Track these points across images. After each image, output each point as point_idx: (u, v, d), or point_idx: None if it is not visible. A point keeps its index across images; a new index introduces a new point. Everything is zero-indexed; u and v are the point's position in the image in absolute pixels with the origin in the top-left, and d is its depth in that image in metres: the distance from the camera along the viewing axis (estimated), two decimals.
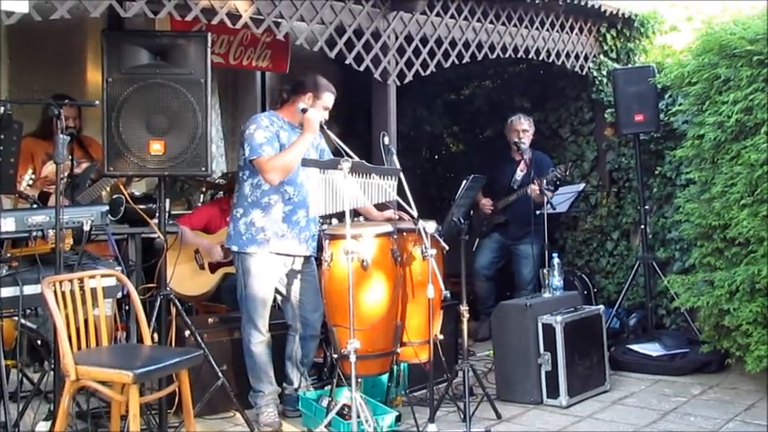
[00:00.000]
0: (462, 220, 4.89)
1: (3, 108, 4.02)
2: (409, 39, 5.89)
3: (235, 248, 4.79)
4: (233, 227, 4.81)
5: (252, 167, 4.69)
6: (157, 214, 4.67)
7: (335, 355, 4.62)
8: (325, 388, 4.88)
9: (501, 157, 7.10)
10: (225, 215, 5.55)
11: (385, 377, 4.89)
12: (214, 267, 5.69)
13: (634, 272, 6.62)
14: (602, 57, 7.28)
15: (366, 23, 5.64)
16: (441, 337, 4.77)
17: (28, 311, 4.28)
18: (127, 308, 5.17)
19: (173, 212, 5.93)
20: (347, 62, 5.60)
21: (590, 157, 7.46)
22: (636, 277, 6.67)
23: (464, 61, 6.31)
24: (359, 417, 4.10)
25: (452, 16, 6.13)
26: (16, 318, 4.05)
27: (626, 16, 7.24)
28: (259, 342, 4.77)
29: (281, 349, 4.95)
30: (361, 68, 5.68)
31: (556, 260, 5.63)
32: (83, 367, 3.65)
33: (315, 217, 4.89)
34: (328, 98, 4.85)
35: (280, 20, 5.20)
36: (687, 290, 5.63)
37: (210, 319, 5.14)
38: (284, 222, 4.76)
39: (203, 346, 4.58)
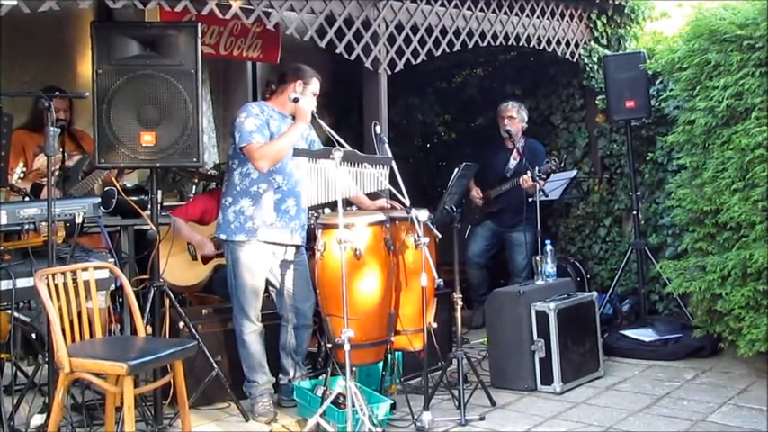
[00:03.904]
0: (455, 208, 4.90)
1: None
2: (400, 27, 5.89)
3: (223, 237, 4.79)
4: (222, 216, 4.81)
5: (242, 156, 4.69)
6: (149, 206, 4.66)
7: (329, 345, 4.63)
8: (320, 377, 4.89)
9: (494, 145, 7.09)
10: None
11: (379, 366, 4.90)
12: (206, 258, 5.69)
13: (627, 258, 6.65)
14: (592, 43, 7.28)
15: (356, 12, 5.63)
16: (434, 325, 4.79)
17: (21, 304, 4.27)
18: (120, 300, 5.17)
19: (165, 204, 5.93)
20: (338, 51, 5.60)
21: (581, 143, 7.46)
22: (628, 263, 6.69)
23: (455, 49, 6.30)
24: (354, 406, 4.11)
25: (443, 4, 6.13)
26: (9, 311, 4.03)
27: (616, 3, 7.24)
28: (251, 332, 4.78)
29: (275, 340, 4.95)
30: (352, 57, 5.68)
31: (549, 247, 5.64)
32: (77, 359, 3.65)
33: (305, 206, 4.90)
34: (315, 84, 4.89)
35: (270, 10, 5.19)
36: (679, 275, 5.64)
37: (204, 310, 5.14)
38: (274, 211, 4.76)
39: (197, 336, 4.58)
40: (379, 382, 4.91)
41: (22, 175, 4.99)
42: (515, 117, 6.85)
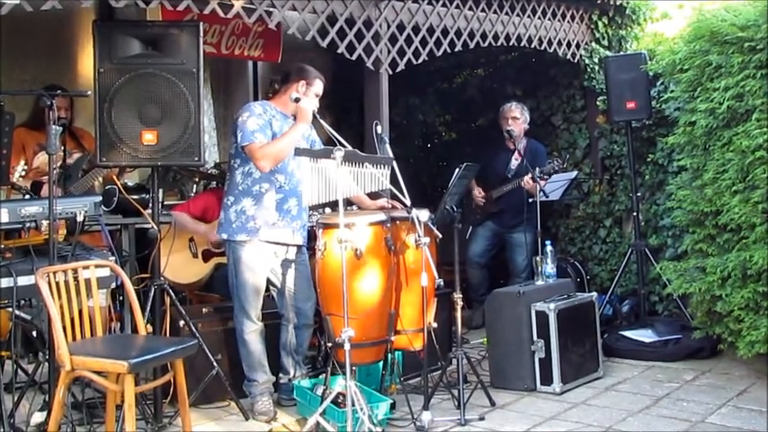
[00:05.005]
0: (455, 209, 4.91)
1: None
2: (401, 27, 5.89)
3: (225, 236, 4.79)
4: (224, 215, 4.81)
5: (243, 156, 4.70)
6: (150, 204, 4.67)
7: (329, 344, 4.63)
8: (320, 377, 4.89)
9: (495, 145, 7.10)
10: None
11: (379, 365, 4.91)
12: (207, 256, 5.70)
13: (626, 259, 6.65)
14: (593, 44, 7.28)
15: (358, 12, 5.63)
16: (434, 325, 4.79)
17: (22, 302, 4.28)
18: (121, 298, 5.18)
19: (166, 203, 5.94)
20: (339, 51, 5.60)
21: (582, 144, 7.47)
22: (628, 264, 6.69)
23: (456, 50, 6.31)
24: (353, 405, 4.12)
25: (444, 4, 6.13)
26: (10, 309, 4.04)
27: (617, 3, 7.24)
28: (252, 331, 4.78)
29: (276, 339, 4.96)
30: (354, 57, 5.68)
31: (549, 248, 5.64)
32: (78, 357, 3.66)
33: (306, 206, 4.90)
34: (319, 85, 4.89)
35: (271, 9, 5.20)
36: (679, 276, 5.64)
37: (204, 309, 5.14)
38: (276, 211, 4.76)
39: (198, 335, 4.59)
40: (378, 382, 4.91)
41: (23, 174, 4.99)
42: (519, 118, 6.85)
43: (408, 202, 4.58)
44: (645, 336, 6.03)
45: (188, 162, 4.72)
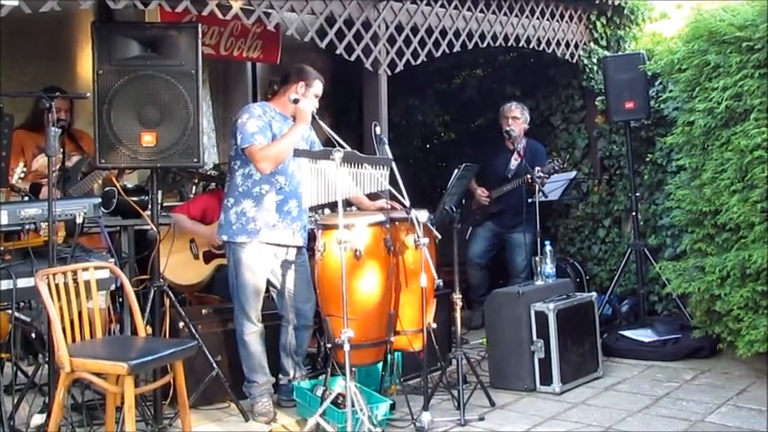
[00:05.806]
0: (454, 209, 4.91)
1: None
2: (400, 28, 5.90)
3: (225, 238, 4.79)
4: (224, 217, 4.82)
5: (243, 157, 4.70)
6: (150, 206, 4.67)
7: (329, 345, 4.63)
8: (320, 378, 4.89)
9: (494, 146, 7.10)
10: None
11: (379, 366, 4.91)
12: (208, 258, 5.70)
13: (626, 259, 6.65)
14: (592, 44, 7.29)
15: (356, 13, 5.64)
16: (434, 325, 4.79)
17: (22, 304, 4.28)
18: (120, 300, 5.18)
19: (165, 204, 5.93)
20: (338, 52, 5.60)
21: (581, 144, 7.47)
22: (628, 264, 6.69)
23: (455, 50, 6.31)
24: (353, 406, 4.12)
25: (443, 5, 6.13)
26: (10, 311, 4.04)
27: (616, 4, 7.25)
28: (252, 332, 4.78)
29: (275, 340, 4.96)
30: (352, 58, 5.68)
31: (548, 248, 5.65)
32: (77, 359, 3.66)
33: (306, 207, 4.91)
34: (318, 86, 4.89)
35: (270, 10, 5.20)
36: (678, 276, 5.65)
37: (204, 310, 5.14)
38: (276, 212, 4.76)
39: (197, 337, 4.59)
40: (378, 383, 4.91)
41: (22, 176, 5.00)
42: (519, 118, 6.86)
43: (407, 203, 4.59)
44: (644, 335, 6.03)
45: (187, 163, 4.72)
